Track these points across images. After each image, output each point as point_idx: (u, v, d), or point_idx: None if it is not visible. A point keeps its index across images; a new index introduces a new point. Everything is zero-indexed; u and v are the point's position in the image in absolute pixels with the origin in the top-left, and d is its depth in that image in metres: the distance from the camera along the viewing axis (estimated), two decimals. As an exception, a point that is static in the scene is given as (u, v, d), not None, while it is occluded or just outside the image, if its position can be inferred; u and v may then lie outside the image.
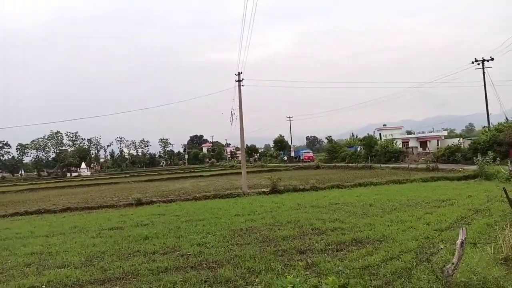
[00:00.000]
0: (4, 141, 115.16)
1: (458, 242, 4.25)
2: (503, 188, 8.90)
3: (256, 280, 6.41)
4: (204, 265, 7.54)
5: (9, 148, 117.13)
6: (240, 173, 47.73)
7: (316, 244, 8.56)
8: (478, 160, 22.63)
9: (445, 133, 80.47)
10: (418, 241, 8.12)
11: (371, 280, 5.93)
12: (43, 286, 6.76)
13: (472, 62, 39.31)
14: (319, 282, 3.58)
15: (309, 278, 4.20)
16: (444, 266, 4.29)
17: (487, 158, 22.23)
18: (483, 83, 38.97)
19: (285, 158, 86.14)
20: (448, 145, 39.13)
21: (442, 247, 6.45)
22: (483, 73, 38.73)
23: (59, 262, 8.39)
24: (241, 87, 23.22)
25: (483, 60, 38.83)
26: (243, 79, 23.26)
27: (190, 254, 8.39)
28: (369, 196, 16.62)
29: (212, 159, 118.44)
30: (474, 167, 24.35)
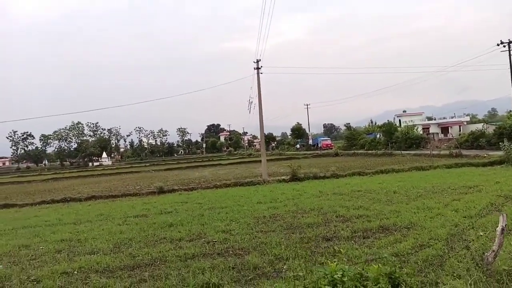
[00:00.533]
0: (28, 132, 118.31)
1: (499, 229, 4.10)
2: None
3: (284, 267, 6.40)
4: (231, 252, 7.58)
5: (32, 139, 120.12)
6: (258, 161, 47.85)
7: (342, 232, 8.48)
8: (504, 145, 22.00)
9: (467, 118, 78.51)
10: (447, 229, 7.93)
11: (402, 268, 5.83)
12: (75, 272, 6.91)
13: (498, 45, 37.76)
14: (363, 269, 3.50)
15: (352, 265, 4.13)
16: (484, 253, 4.15)
17: (514, 143, 21.53)
18: (509, 66, 37.51)
19: (298, 146, 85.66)
20: (471, 130, 38.12)
21: (481, 233, 6.27)
22: (509, 55, 37.22)
23: (88, 249, 8.58)
24: (260, 74, 23.04)
25: (510, 42, 37.30)
26: (261, 66, 23.07)
27: (216, 241, 8.45)
28: (392, 183, 16.37)
29: (230, 147, 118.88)
30: (500, 153, 23.65)
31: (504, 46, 37.56)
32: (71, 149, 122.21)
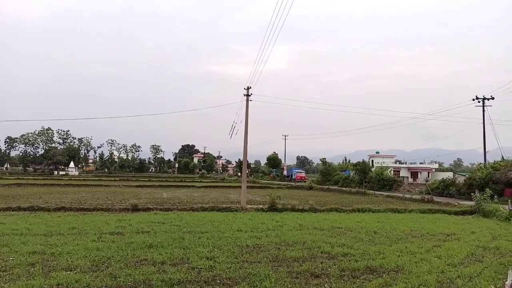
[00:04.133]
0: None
1: (508, 283, 4.16)
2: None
3: (277, 302, 6.22)
4: (218, 281, 7.32)
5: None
6: (233, 187, 47.51)
7: (330, 269, 8.40)
8: (476, 196, 22.76)
9: (436, 165, 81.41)
10: (434, 275, 8.01)
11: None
12: (53, 289, 6.46)
13: (473, 100, 39.96)
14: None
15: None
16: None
17: (485, 195, 22.34)
18: (481, 121, 39.51)
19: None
20: (443, 178, 39.37)
21: (493, 287, 6.37)
22: (483, 111, 39.39)
23: (64, 264, 8.07)
24: (249, 102, 23.20)
25: (484, 99, 39.53)
26: (251, 94, 23.27)
27: (201, 268, 8.15)
28: (370, 223, 16.52)
29: (203, 170, 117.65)
30: (470, 203, 24.47)
31: (479, 102, 39.75)
32: (37, 155, 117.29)
